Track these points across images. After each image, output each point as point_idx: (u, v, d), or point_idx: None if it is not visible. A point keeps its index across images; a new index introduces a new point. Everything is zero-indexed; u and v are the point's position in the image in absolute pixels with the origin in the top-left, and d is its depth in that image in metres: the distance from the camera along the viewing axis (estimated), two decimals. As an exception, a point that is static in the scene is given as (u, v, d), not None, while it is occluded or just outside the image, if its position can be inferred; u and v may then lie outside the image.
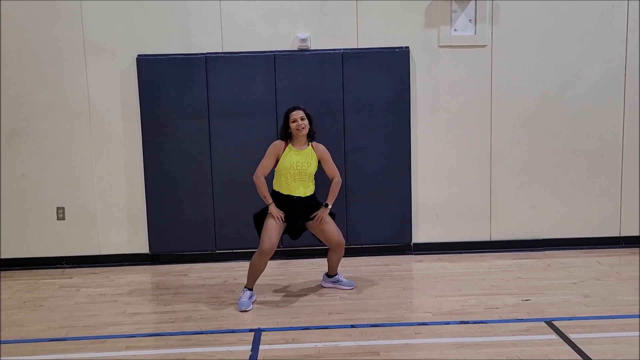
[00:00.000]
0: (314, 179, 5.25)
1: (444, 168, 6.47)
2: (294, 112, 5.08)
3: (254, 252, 6.25)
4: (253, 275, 5.14)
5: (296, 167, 5.08)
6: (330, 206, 5.22)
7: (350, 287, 5.43)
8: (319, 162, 5.22)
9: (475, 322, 4.60)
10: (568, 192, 6.53)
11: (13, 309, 5.22)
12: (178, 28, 6.23)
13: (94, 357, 4.23)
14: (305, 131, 5.10)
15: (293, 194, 5.11)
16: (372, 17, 6.26)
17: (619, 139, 6.48)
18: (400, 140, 6.33)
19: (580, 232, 6.57)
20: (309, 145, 5.19)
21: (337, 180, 5.27)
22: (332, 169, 5.27)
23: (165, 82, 6.17)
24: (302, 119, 5.07)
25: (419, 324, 4.59)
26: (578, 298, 5.07)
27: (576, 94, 6.42)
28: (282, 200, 5.11)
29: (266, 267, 5.15)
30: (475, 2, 6.25)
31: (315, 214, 5.18)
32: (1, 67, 6.18)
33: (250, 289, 5.17)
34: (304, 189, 5.14)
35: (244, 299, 5.06)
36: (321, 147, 5.25)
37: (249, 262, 6.31)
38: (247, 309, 4.98)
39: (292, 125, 5.07)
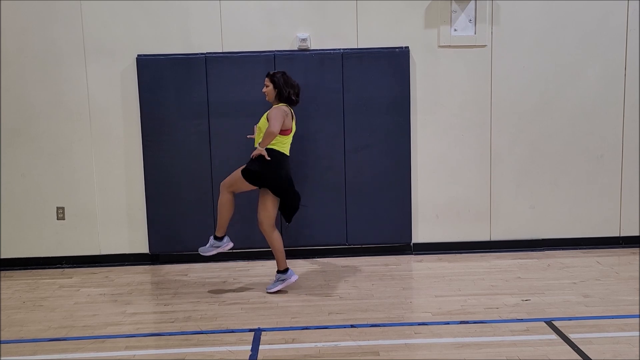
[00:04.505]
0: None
1: (444, 168, 6.47)
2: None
3: (255, 251, 6.29)
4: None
5: (257, 125, 5.38)
6: (257, 146, 5.20)
7: (269, 290, 5.43)
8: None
9: (475, 322, 4.60)
10: (568, 192, 6.53)
11: (13, 309, 5.22)
12: (178, 28, 6.23)
13: (94, 357, 4.23)
14: (268, 97, 5.37)
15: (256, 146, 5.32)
16: (372, 17, 6.26)
17: (619, 139, 6.48)
18: (400, 140, 6.33)
19: (580, 232, 6.56)
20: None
21: (266, 130, 5.18)
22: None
23: (165, 82, 6.18)
24: (266, 87, 5.36)
25: (419, 324, 4.59)
26: (578, 298, 5.07)
27: (576, 94, 6.42)
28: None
29: (266, 267, 5.27)
30: (475, 2, 6.25)
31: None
32: (1, 67, 6.18)
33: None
34: (258, 140, 5.29)
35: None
36: (274, 107, 5.27)
37: (248, 262, 6.37)
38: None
39: None
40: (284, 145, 5.31)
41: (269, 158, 5.15)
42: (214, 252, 5.46)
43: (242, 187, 5.32)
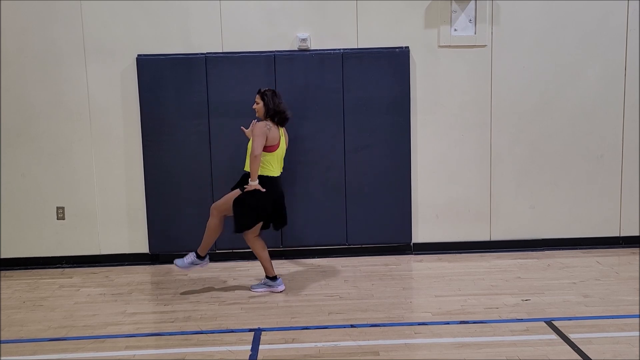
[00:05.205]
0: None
1: (444, 168, 6.47)
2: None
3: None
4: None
5: (247, 145, 5.38)
6: (249, 181, 5.13)
7: (253, 290, 5.47)
8: None
9: (475, 322, 4.60)
10: (568, 192, 6.53)
11: (13, 308, 5.22)
12: (178, 28, 6.23)
13: (94, 357, 4.23)
14: (258, 114, 5.34)
15: (246, 169, 5.32)
16: (372, 17, 6.26)
17: (619, 139, 6.48)
18: (400, 140, 6.33)
19: (580, 232, 6.56)
20: None
21: (249, 156, 5.17)
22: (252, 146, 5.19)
23: (165, 82, 6.18)
24: (256, 104, 5.32)
25: (419, 324, 4.59)
26: (578, 298, 5.07)
27: (576, 94, 6.42)
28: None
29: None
30: (475, 2, 6.25)
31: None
32: (1, 67, 6.18)
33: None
34: (247, 163, 5.27)
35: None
36: (256, 124, 5.23)
37: (248, 262, 6.37)
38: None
39: None
40: (271, 165, 5.23)
41: (264, 190, 5.13)
42: (192, 269, 5.46)
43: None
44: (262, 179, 5.16)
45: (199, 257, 5.40)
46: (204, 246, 5.38)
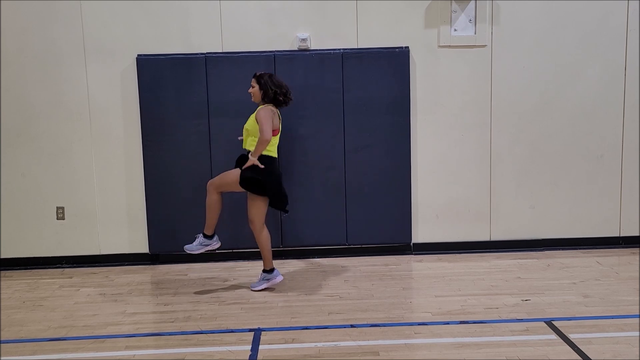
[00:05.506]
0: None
1: (444, 168, 6.47)
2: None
3: (254, 251, 6.25)
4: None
5: (244, 126, 5.37)
6: (249, 156, 5.21)
7: (254, 289, 5.48)
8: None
9: (475, 322, 4.60)
10: (568, 192, 6.53)
11: (13, 308, 5.22)
12: (178, 28, 6.23)
13: (94, 356, 4.23)
14: (254, 98, 5.36)
15: (245, 147, 5.41)
16: (372, 17, 6.26)
17: (619, 139, 6.48)
18: (400, 140, 6.33)
19: (580, 232, 6.56)
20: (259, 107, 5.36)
21: (259, 139, 5.18)
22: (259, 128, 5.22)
23: (165, 82, 6.18)
24: (252, 87, 5.35)
25: (419, 324, 4.59)
26: (578, 298, 5.07)
27: (576, 94, 6.42)
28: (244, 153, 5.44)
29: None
30: (475, 2, 6.25)
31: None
32: (1, 67, 6.18)
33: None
34: (250, 144, 5.30)
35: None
36: (261, 108, 5.25)
37: (248, 262, 6.37)
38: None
39: None
40: (273, 147, 5.32)
41: (262, 166, 5.18)
42: (202, 250, 5.48)
43: (234, 189, 5.35)
44: (264, 158, 5.22)
45: (206, 237, 5.44)
46: (209, 224, 5.42)
